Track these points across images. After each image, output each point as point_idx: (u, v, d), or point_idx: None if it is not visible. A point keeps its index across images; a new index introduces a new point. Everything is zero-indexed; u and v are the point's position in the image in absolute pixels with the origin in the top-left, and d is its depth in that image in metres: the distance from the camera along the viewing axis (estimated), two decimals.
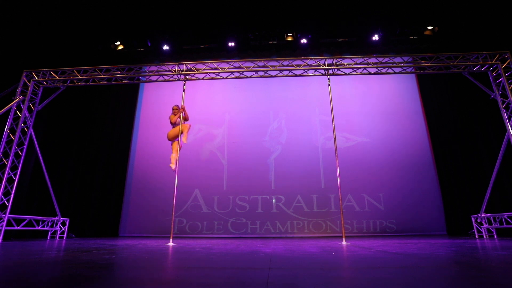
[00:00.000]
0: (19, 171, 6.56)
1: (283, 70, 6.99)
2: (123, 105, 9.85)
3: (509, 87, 6.18)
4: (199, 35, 9.44)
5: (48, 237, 7.27)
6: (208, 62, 7.15)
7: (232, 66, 7.11)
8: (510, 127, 6.07)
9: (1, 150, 6.32)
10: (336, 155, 5.93)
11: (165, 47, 9.50)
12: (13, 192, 6.32)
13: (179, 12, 8.46)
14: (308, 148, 9.13)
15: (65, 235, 7.30)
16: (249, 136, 9.36)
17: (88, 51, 9.47)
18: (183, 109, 6.35)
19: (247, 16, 8.67)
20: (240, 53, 9.70)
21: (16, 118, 6.69)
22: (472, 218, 6.84)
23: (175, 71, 7.07)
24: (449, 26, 8.68)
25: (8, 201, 6.21)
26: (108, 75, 7.17)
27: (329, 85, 6.53)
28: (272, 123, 9.51)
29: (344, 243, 4.91)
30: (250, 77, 7.21)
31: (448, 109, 8.72)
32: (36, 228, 6.87)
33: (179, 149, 6.17)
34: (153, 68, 7.71)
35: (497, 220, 6.43)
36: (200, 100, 9.71)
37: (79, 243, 5.24)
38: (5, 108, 6.48)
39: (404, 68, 6.93)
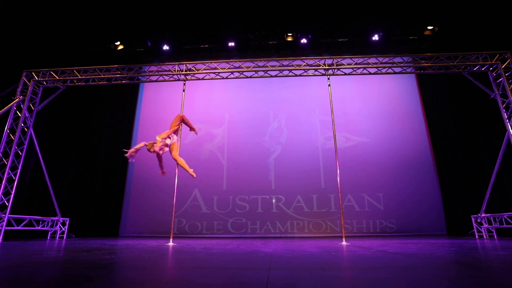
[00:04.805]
0: (19, 171, 6.56)
1: (283, 70, 6.99)
2: (123, 105, 9.85)
3: (509, 87, 6.18)
4: (199, 35, 9.43)
5: (48, 237, 7.27)
6: (208, 62, 7.15)
7: (232, 66, 7.11)
8: (510, 127, 6.07)
9: (1, 150, 6.31)
10: (336, 155, 5.93)
11: (165, 47, 9.50)
12: (13, 192, 6.31)
13: (179, 12, 8.45)
14: (308, 148, 9.12)
15: (65, 235, 7.29)
16: (249, 136, 9.35)
17: (88, 51, 9.47)
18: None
19: (247, 16, 8.67)
20: (240, 53, 9.69)
21: (16, 118, 6.69)
22: (472, 218, 6.84)
23: (175, 71, 7.07)
24: (449, 26, 8.68)
25: (8, 201, 6.21)
26: (108, 75, 7.17)
27: (329, 85, 6.53)
28: (272, 123, 9.51)
29: (344, 243, 4.91)
30: (250, 77, 7.21)
31: (448, 109, 8.72)
32: (36, 228, 6.87)
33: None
34: (153, 68, 7.70)
35: (497, 220, 6.42)
36: (200, 100, 9.70)
37: (79, 243, 5.23)
38: (5, 108, 6.48)
39: (404, 68, 6.93)
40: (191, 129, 5.68)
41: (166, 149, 5.06)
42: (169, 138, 5.09)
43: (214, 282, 1.77)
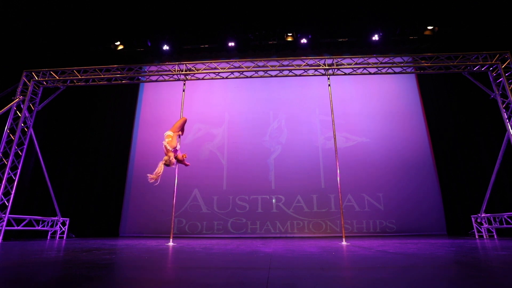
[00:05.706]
0: (19, 171, 6.56)
1: (283, 70, 6.99)
2: (123, 105, 9.85)
3: (509, 87, 6.18)
4: (199, 35, 9.43)
5: (48, 237, 7.27)
6: (208, 62, 7.15)
7: (232, 66, 7.11)
8: (510, 127, 6.07)
9: (1, 150, 6.31)
10: (336, 155, 5.93)
11: (165, 47, 9.49)
12: (13, 192, 6.31)
13: (179, 12, 8.45)
14: (308, 148, 9.12)
15: (65, 235, 7.29)
16: (249, 136, 9.35)
17: (88, 51, 9.46)
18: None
19: (247, 16, 8.67)
20: (240, 53, 9.69)
21: (16, 118, 6.69)
22: (472, 218, 6.84)
23: (175, 71, 7.07)
24: (449, 26, 8.67)
25: (8, 201, 6.21)
26: (108, 75, 7.17)
27: (329, 85, 6.53)
28: (272, 123, 9.51)
29: (344, 243, 4.91)
30: (250, 77, 7.22)
31: (448, 109, 8.72)
32: (36, 228, 6.87)
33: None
34: (153, 68, 7.71)
35: (497, 220, 6.42)
36: (200, 99, 9.70)
37: (79, 243, 5.23)
38: (5, 108, 6.48)
39: (404, 68, 6.93)
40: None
41: (178, 152, 4.99)
42: (178, 143, 5.03)
43: (214, 282, 1.77)
